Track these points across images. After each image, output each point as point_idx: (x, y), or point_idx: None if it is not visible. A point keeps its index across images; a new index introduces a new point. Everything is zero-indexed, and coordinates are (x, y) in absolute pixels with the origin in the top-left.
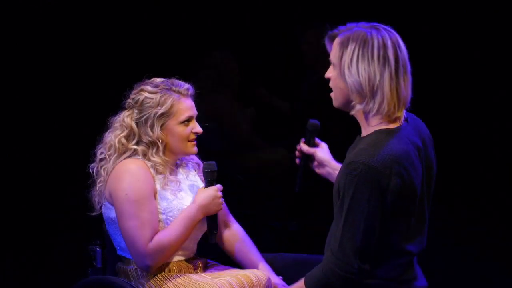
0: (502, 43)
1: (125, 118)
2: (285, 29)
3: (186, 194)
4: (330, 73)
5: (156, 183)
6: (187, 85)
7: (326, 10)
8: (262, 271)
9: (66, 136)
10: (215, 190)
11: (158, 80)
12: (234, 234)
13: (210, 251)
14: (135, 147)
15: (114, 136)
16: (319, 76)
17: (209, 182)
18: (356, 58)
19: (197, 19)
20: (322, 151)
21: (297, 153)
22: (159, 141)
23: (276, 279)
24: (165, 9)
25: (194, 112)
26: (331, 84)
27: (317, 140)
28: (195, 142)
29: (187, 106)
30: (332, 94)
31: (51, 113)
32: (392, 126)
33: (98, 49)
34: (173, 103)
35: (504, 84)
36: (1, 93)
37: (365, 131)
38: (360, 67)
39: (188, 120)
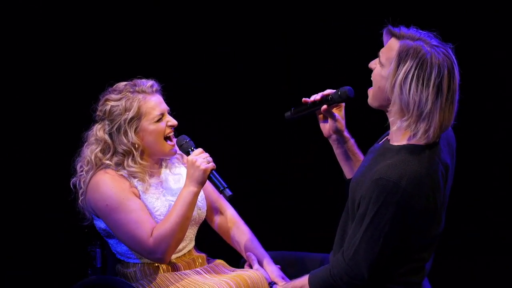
0: (502, 43)
1: (98, 131)
2: (285, 29)
3: (171, 190)
4: (376, 65)
5: (138, 189)
6: (150, 82)
7: (326, 10)
8: (256, 272)
9: (67, 136)
10: (191, 156)
11: (121, 85)
12: (229, 220)
13: (209, 249)
14: (108, 162)
15: (90, 152)
16: None
17: (186, 154)
18: (411, 78)
19: (196, 19)
20: (340, 119)
21: (314, 96)
22: (134, 147)
23: (273, 268)
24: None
25: (164, 107)
26: (373, 78)
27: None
28: (174, 143)
29: (155, 103)
30: (370, 91)
31: (51, 113)
32: (424, 143)
33: (99, 46)
34: (139, 104)
35: (503, 84)
36: (2, 93)
37: (397, 138)
38: (412, 89)
39: (161, 117)
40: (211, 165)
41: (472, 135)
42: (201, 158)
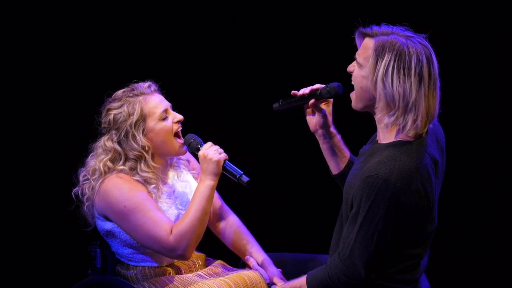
0: (501, 44)
1: (106, 142)
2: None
3: (181, 199)
4: (354, 68)
5: (153, 194)
6: (147, 83)
7: (326, 11)
8: (255, 272)
9: (67, 136)
10: (202, 151)
11: (119, 92)
12: (230, 225)
13: (208, 249)
14: (122, 167)
15: (98, 161)
16: None
17: (196, 150)
18: (392, 70)
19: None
20: (328, 114)
21: (303, 90)
22: (145, 150)
23: (274, 271)
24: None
25: (166, 103)
26: (354, 81)
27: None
28: (182, 142)
29: (156, 102)
30: (352, 95)
31: (52, 113)
32: (413, 137)
33: (102, 44)
34: (141, 106)
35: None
36: (2, 94)
37: (384, 136)
38: (395, 81)
39: (166, 115)
40: (224, 155)
41: (466, 131)
42: (212, 151)
